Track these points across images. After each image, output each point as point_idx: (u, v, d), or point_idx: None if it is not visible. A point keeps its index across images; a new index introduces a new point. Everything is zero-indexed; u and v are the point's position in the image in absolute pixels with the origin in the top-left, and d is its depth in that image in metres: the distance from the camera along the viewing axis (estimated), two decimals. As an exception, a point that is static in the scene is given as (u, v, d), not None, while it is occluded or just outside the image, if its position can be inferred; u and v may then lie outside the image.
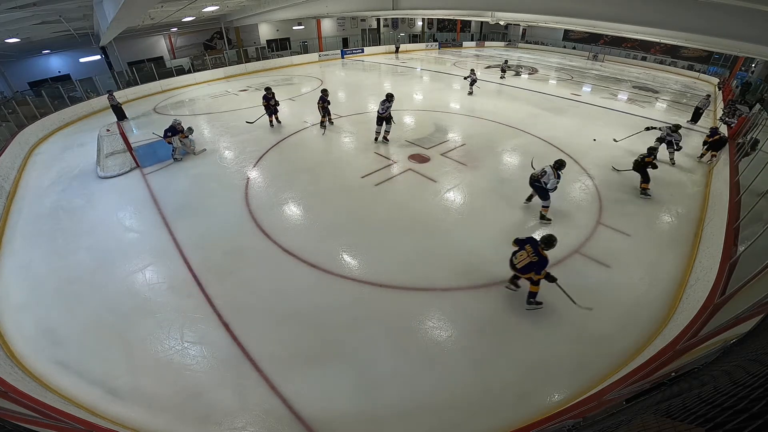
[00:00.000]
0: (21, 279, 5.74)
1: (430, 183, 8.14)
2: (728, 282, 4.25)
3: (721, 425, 0.92)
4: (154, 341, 4.52)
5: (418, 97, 15.64)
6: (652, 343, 4.29)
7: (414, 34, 33.30)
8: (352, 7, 16.84)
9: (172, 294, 5.26)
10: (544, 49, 33.66)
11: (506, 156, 9.67)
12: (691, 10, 7.54)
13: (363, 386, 3.99)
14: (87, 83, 15.73)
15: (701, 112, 12.73)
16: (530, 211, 7.05)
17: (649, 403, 1.75)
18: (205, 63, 20.79)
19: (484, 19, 15.73)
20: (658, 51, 27.16)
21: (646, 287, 5.29)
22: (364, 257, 5.89)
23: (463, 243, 6.16)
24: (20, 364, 4.31)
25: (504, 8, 11.55)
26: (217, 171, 9.05)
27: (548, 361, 4.21)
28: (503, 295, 5.13)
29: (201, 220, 6.95)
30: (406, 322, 4.70)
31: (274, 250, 6.07)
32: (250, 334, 4.57)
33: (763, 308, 2.72)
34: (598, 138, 10.83)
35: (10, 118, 11.70)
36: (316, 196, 7.71)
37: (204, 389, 3.96)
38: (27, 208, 7.81)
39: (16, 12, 8.84)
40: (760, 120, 8.98)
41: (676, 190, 8.00)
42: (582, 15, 9.38)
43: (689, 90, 19.77)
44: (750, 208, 5.27)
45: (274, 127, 11.67)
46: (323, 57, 25.79)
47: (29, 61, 18.02)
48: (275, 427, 3.59)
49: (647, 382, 2.72)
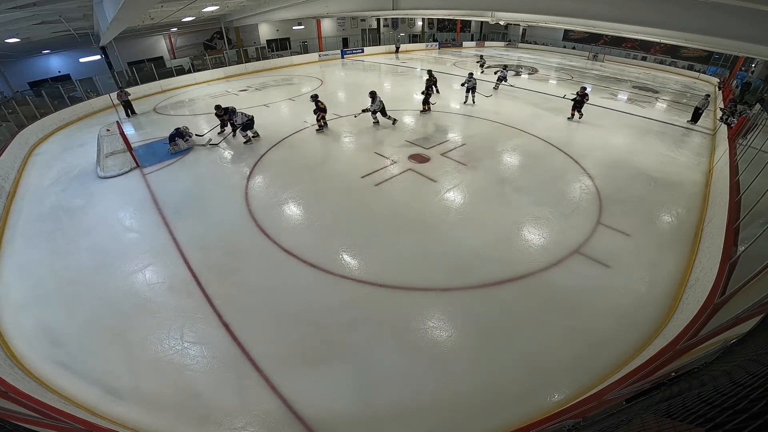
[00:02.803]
0: (21, 279, 5.74)
1: (430, 183, 8.14)
2: (728, 282, 4.25)
3: (721, 425, 0.92)
4: (154, 341, 4.52)
5: (419, 97, 15.61)
6: (652, 343, 4.29)
7: (414, 34, 33.30)
8: (352, 7, 16.83)
9: (172, 294, 5.26)
10: (544, 49, 33.66)
11: (506, 156, 9.67)
12: (691, 10, 7.53)
13: (363, 386, 3.99)
14: (87, 83, 15.73)
15: (701, 112, 12.74)
16: (530, 212, 7.06)
17: (649, 403, 1.75)
18: (205, 63, 20.79)
19: (484, 19, 15.67)
20: (658, 51, 27.16)
21: (646, 287, 5.28)
22: (364, 257, 5.89)
23: (463, 243, 6.16)
24: (20, 364, 4.31)
25: (504, 8, 11.53)
26: (217, 171, 9.05)
27: (548, 361, 4.21)
28: (503, 295, 5.13)
29: (201, 220, 6.95)
30: (406, 322, 4.70)
31: (274, 250, 6.07)
32: (250, 334, 4.57)
33: (763, 308, 2.72)
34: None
35: (10, 118, 11.70)
36: (316, 196, 7.71)
37: (204, 389, 3.96)
38: (27, 208, 7.81)
39: (16, 12, 8.83)
40: (760, 120, 8.98)
41: (676, 190, 8.00)
42: (582, 15, 9.37)
43: (689, 90, 19.77)
44: (750, 208, 5.27)
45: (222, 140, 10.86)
46: (323, 57, 25.79)
47: (29, 61, 18.02)
48: (275, 427, 3.59)
49: (647, 382, 2.72)
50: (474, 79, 13.75)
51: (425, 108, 13.06)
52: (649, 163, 9.26)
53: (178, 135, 9.96)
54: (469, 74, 14.01)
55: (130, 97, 14.20)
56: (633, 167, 9.01)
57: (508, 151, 9.95)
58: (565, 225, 6.65)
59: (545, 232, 6.47)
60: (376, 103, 11.25)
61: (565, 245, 6.07)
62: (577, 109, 12.33)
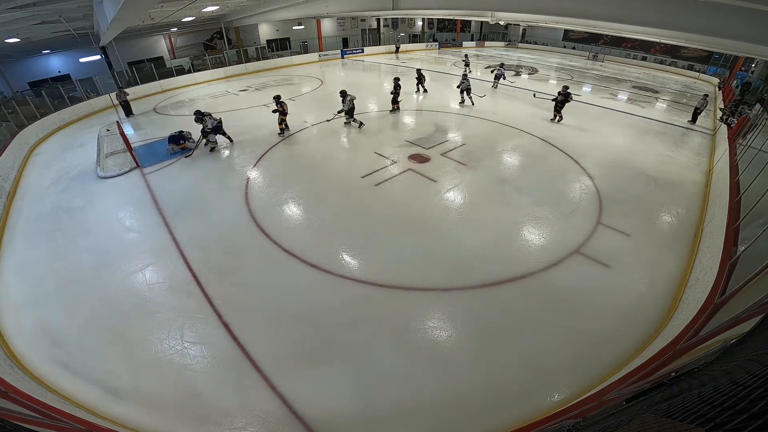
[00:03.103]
0: (21, 279, 5.74)
1: (430, 183, 8.14)
2: (728, 282, 4.25)
3: (721, 425, 0.92)
4: (154, 341, 4.52)
5: (418, 97, 15.63)
6: (652, 343, 4.29)
7: (414, 34, 33.29)
8: (352, 7, 16.82)
9: (172, 294, 5.26)
10: (544, 49, 33.65)
11: (506, 156, 9.67)
12: (691, 10, 7.53)
13: (363, 386, 3.99)
14: (87, 83, 15.73)
15: (699, 112, 12.74)
16: (530, 212, 7.06)
17: (649, 403, 1.75)
18: (205, 63, 20.79)
19: (484, 19, 15.66)
20: (658, 51, 27.15)
21: (646, 287, 5.28)
22: (364, 257, 5.89)
23: (463, 243, 6.16)
24: (20, 364, 4.31)
25: (504, 8, 11.53)
26: (217, 171, 9.05)
27: (548, 361, 4.21)
28: (503, 295, 5.13)
29: (201, 220, 6.95)
30: (406, 322, 4.70)
31: (274, 250, 6.07)
32: (250, 334, 4.57)
33: (763, 308, 2.72)
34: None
35: (10, 118, 11.70)
36: (316, 196, 7.71)
37: (204, 389, 3.96)
38: (27, 208, 7.81)
39: (16, 12, 8.83)
40: (760, 120, 8.98)
41: (676, 190, 8.01)
42: (582, 15, 9.37)
43: (689, 90, 19.76)
44: (750, 208, 5.27)
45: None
46: (323, 57, 25.79)
47: (29, 61, 18.01)
48: (275, 427, 3.59)
49: (647, 382, 2.72)
50: (468, 81, 13.59)
51: (394, 107, 13.19)
52: (649, 163, 9.26)
53: (181, 138, 9.92)
54: (463, 75, 13.82)
55: (128, 97, 14.27)
56: (633, 167, 9.01)
57: (508, 151, 9.95)
58: (565, 225, 6.65)
59: (545, 232, 6.47)
60: (347, 102, 11.18)
61: (565, 245, 6.07)
62: (558, 110, 12.05)
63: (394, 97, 13.05)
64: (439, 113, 13.12)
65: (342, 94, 11.26)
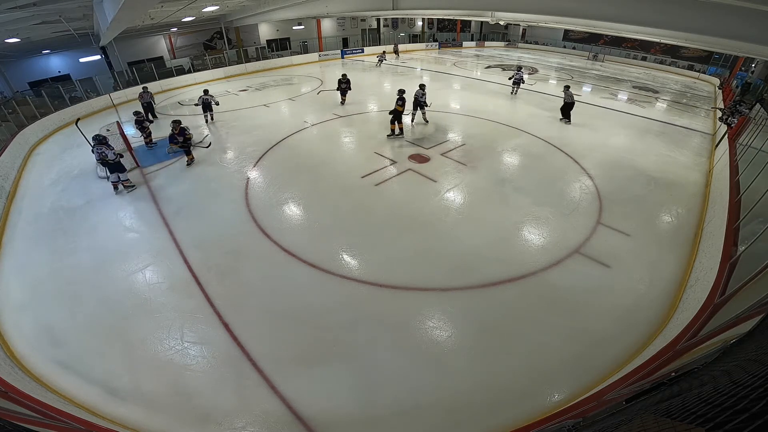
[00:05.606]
0: (21, 279, 5.74)
1: (430, 183, 8.14)
2: (728, 282, 4.25)
3: (721, 425, 0.92)
4: (154, 341, 4.52)
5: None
6: (652, 343, 4.29)
7: (414, 34, 33.28)
8: (352, 7, 16.81)
9: (172, 294, 5.26)
10: (544, 49, 33.64)
11: (506, 156, 9.67)
12: (691, 10, 7.53)
13: (363, 386, 3.99)
14: (87, 83, 15.73)
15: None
16: (530, 212, 7.05)
17: (649, 403, 1.75)
18: (205, 63, 20.79)
19: (484, 19, 15.67)
20: (658, 51, 27.13)
21: (646, 287, 5.28)
22: (364, 257, 5.89)
23: (463, 243, 6.16)
24: (20, 364, 4.31)
25: (504, 8, 11.53)
26: (217, 171, 9.05)
27: (548, 361, 4.21)
28: (503, 295, 5.13)
29: (201, 220, 6.95)
30: (406, 322, 4.70)
31: (274, 250, 6.07)
32: (250, 334, 4.57)
33: (763, 308, 2.72)
34: None
35: (10, 118, 11.70)
36: (316, 196, 7.71)
37: (204, 389, 3.96)
38: (27, 208, 7.81)
39: (16, 12, 8.83)
40: (760, 120, 8.98)
41: (676, 190, 8.00)
42: (582, 15, 9.37)
43: (689, 90, 19.77)
44: (750, 208, 5.27)
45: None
46: (323, 57, 25.78)
47: (29, 61, 18.00)
48: (275, 427, 3.59)
49: (647, 382, 2.72)
50: (521, 73, 15.00)
51: (393, 129, 10.43)
52: (649, 163, 9.26)
53: (181, 135, 9.83)
54: (518, 68, 15.42)
55: (151, 98, 12.67)
56: (633, 167, 9.01)
57: (508, 151, 9.95)
58: (565, 225, 6.65)
59: (545, 232, 6.47)
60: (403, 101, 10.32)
61: (565, 245, 6.07)
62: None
63: (396, 115, 10.27)
64: (439, 113, 13.12)
65: (399, 92, 10.41)
